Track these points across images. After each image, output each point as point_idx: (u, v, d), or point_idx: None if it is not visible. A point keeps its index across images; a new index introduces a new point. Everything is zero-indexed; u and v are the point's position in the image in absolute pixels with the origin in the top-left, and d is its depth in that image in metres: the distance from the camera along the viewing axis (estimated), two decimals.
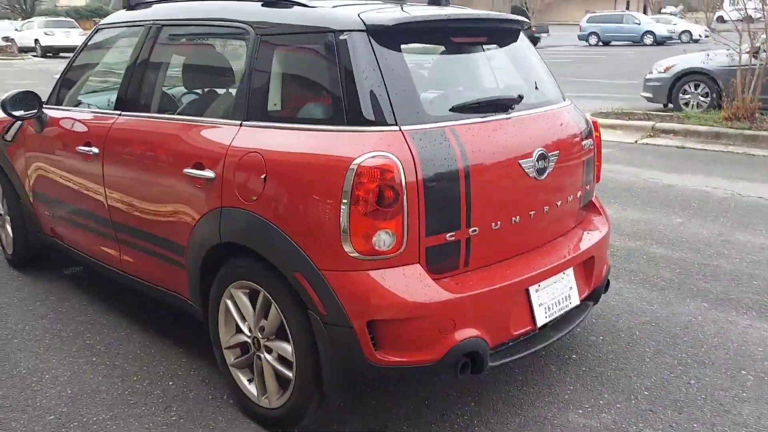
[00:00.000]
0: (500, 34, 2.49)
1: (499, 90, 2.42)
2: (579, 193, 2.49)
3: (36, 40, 26.27)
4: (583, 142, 2.48)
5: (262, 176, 2.09)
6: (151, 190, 2.63)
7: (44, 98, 3.40)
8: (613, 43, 28.34)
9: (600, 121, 8.00)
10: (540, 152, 2.21)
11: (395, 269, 1.95)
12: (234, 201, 2.20)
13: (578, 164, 2.45)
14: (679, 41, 27.92)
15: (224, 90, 2.80)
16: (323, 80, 2.14)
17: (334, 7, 2.25)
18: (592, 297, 2.54)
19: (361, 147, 1.92)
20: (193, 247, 2.44)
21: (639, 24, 28.19)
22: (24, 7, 60.48)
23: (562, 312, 2.31)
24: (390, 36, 2.07)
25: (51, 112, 3.33)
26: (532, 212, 2.23)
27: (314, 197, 1.97)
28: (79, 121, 3.14)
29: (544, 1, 50.36)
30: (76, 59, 3.40)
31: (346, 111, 2.00)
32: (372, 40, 2.04)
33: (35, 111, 3.29)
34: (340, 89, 2.03)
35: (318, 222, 1.96)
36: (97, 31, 3.32)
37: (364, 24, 2.06)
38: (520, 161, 2.15)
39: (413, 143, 1.94)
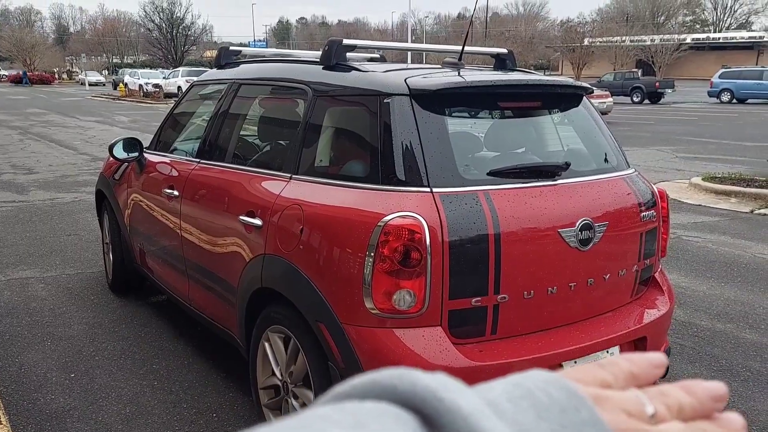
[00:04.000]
0: (556, 99, 2.45)
1: (546, 156, 2.37)
2: (635, 268, 2.35)
3: (179, 87, 29.14)
4: (643, 213, 2.35)
5: (300, 227, 2.19)
6: (214, 232, 2.82)
7: (146, 144, 3.80)
8: (749, 101, 26.41)
9: (711, 186, 7.47)
10: (584, 222, 2.12)
11: (415, 330, 1.93)
12: (275, 248, 2.30)
13: (633, 236, 2.32)
14: None
15: (283, 144, 2.97)
16: (365, 140, 2.21)
17: (385, 71, 2.35)
18: None
19: (391, 206, 1.96)
20: (242, 288, 2.57)
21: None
22: (175, 57, 67.16)
23: None
24: (432, 100, 2.12)
25: (149, 157, 3.69)
26: (572, 284, 2.13)
27: (342, 251, 2.02)
28: (168, 165, 3.45)
29: (673, 55, 48.00)
30: (174, 110, 3.76)
31: (382, 170, 2.06)
32: (414, 104, 2.10)
33: (136, 155, 3.66)
34: (378, 149, 2.09)
35: (343, 276, 2.00)
36: (192, 86, 3.66)
37: (408, 88, 2.12)
38: (560, 230, 2.08)
39: (442, 205, 1.95)
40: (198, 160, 3.13)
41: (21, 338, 3.60)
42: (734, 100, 26.44)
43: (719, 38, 58.16)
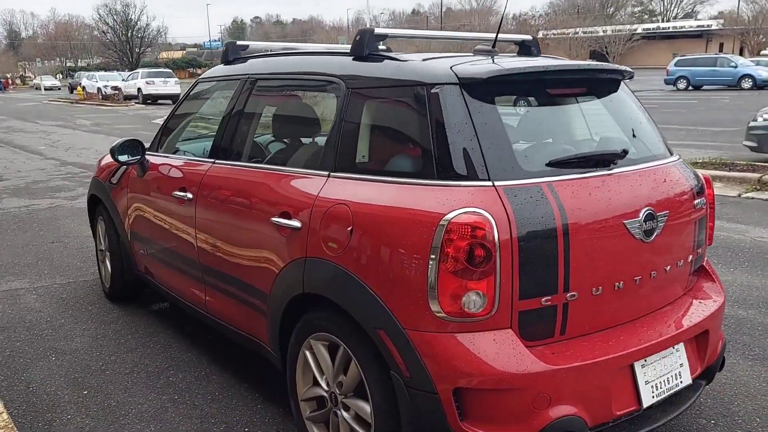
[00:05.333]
0: (600, 84, 2.37)
1: (599, 144, 2.29)
2: (690, 257, 2.29)
3: (139, 89, 28.54)
4: (695, 201, 2.29)
5: (349, 228, 2.06)
6: (238, 236, 2.67)
7: (147, 144, 3.60)
8: (705, 87, 27.07)
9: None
10: (648, 212, 2.05)
11: (485, 333, 1.83)
12: (319, 251, 2.18)
13: (689, 224, 2.26)
14: None
15: (313, 141, 2.84)
16: (413, 133, 2.10)
17: (425, 60, 2.24)
18: (704, 375, 2.29)
19: (452, 202, 1.85)
20: (276, 294, 2.44)
21: (736, 67, 26.66)
22: (131, 59, 65.89)
23: (671, 392, 2.09)
24: (483, 89, 2.02)
25: (152, 158, 3.50)
26: (637, 277, 2.07)
27: (401, 252, 1.91)
28: (176, 167, 3.27)
29: (626, 45, 49.08)
30: (177, 109, 3.58)
31: (437, 165, 1.95)
32: (465, 93, 1.99)
33: (138, 157, 3.47)
34: (430, 143, 1.98)
35: (404, 278, 1.89)
36: (197, 83, 3.48)
37: (457, 77, 2.02)
38: (625, 221, 2.00)
39: (507, 200, 1.85)
40: (212, 160, 2.97)
41: (22, 354, 3.37)
42: (690, 87, 26.98)
43: (669, 27, 59.70)
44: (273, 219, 2.39)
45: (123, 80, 31.67)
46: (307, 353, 2.32)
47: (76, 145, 13.27)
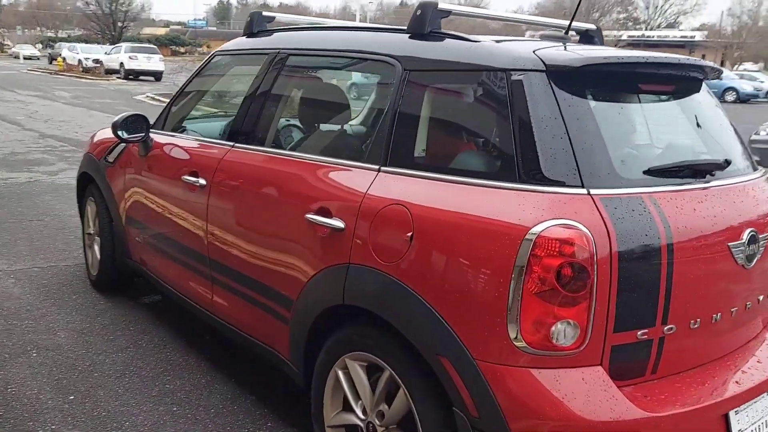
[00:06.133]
0: (687, 82, 2.08)
1: (693, 151, 2.02)
2: None
3: (121, 64, 27.79)
4: None
5: (408, 234, 1.76)
6: (260, 232, 2.35)
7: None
8: None
9: None
10: (751, 233, 1.79)
11: (572, 371, 1.55)
12: (367, 258, 1.87)
13: None
14: (766, 99, 26.57)
15: (358, 129, 2.52)
16: (488, 126, 1.81)
17: (498, 42, 1.94)
18: None
19: (540, 212, 1.56)
20: (304, 303, 2.13)
21: (720, 79, 26.93)
22: (113, 33, 64.65)
23: None
24: (574, 79, 1.73)
25: (157, 137, 3.14)
26: (734, 309, 1.80)
27: (475, 267, 1.61)
28: (186, 148, 2.93)
29: None
30: (188, 85, 3.22)
31: (519, 165, 1.65)
32: (552, 83, 1.71)
33: (142, 134, 3.12)
34: (511, 138, 1.69)
35: (477, 299, 1.60)
36: (213, 57, 3.13)
37: (544, 63, 1.73)
38: (729, 243, 1.74)
39: (606, 211, 1.57)
40: (231, 143, 2.63)
41: (0, 348, 3.01)
42: None
43: (654, 36, 60.33)
44: (308, 216, 2.08)
45: (105, 53, 30.75)
46: (340, 373, 2.02)
47: (55, 118, 12.70)
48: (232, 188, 2.52)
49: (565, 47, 1.95)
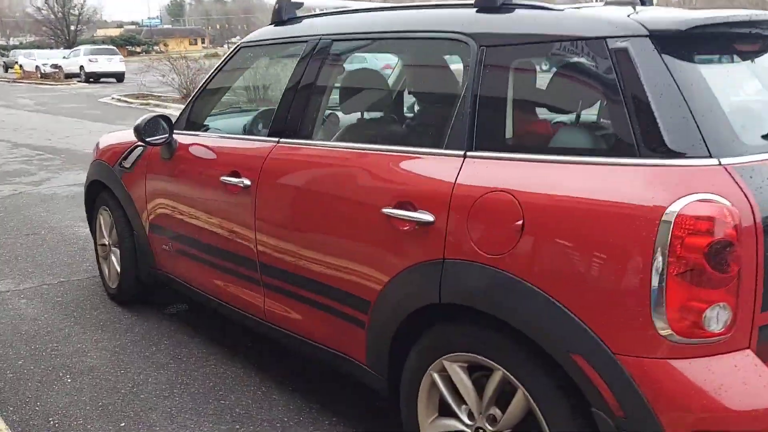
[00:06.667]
0: None
1: None
2: None
3: (81, 67, 27.09)
4: None
5: (517, 223, 1.63)
6: (326, 231, 2.19)
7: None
8: None
9: None
10: None
11: (723, 357, 1.44)
12: (467, 252, 1.73)
13: None
14: None
15: (428, 114, 2.36)
16: (591, 100, 1.70)
17: (582, 7, 1.82)
18: None
19: (673, 188, 1.45)
20: (387, 304, 1.98)
21: None
22: (67, 37, 62.85)
23: None
24: (680, 43, 1.61)
25: (182, 138, 2.94)
26: None
27: (606, 257, 1.49)
28: (220, 148, 2.75)
29: None
30: (211, 81, 3.01)
31: (638, 139, 1.53)
32: (658, 48, 1.59)
33: (166, 136, 2.92)
34: (623, 111, 1.56)
35: (612, 290, 1.47)
36: (238, 49, 2.93)
37: (646, 28, 1.61)
38: None
39: (743, 181, 1.45)
40: (276, 139, 2.46)
41: (29, 375, 2.79)
42: None
43: None
44: (386, 210, 1.93)
45: (64, 57, 29.82)
46: (436, 377, 1.88)
47: (23, 126, 12.22)
48: (285, 187, 2.35)
49: (635, 11, 1.84)
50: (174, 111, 15.52)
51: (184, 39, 76.22)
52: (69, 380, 2.76)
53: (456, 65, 2.04)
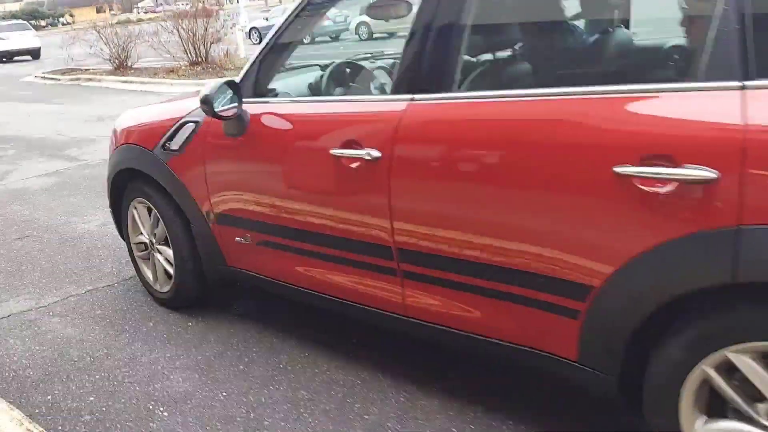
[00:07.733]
0: None
1: None
2: None
3: None
4: None
5: None
6: (519, 209, 1.76)
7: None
8: None
9: None
10: None
11: None
12: None
13: None
14: None
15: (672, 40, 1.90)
16: None
17: None
18: None
19: None
20: (625, 288, 1.60)
21: None
22: None
23: None
24: None
25: (253, 108, 2.40)
26: None
27: None
28: (320, 114, 2.24)
29: None
30: (281, 36, 2.43)
31: None
32: None
33: (235, 106, 2.37)
34: None
35: None
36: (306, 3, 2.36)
37: None
38: None
39: None
40: (409, 96, 1.97)
41: (113, 415, 2.27)
42: None
43: None
44: (620, 170, 1.52)
45: None
46: (711, 373, 1.53)
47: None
48: (438, 155, 1.90)
49: None
50: (110, 84, 14.43)
51: (90, 8, 71.22)
52: (165, 414, 2.26)
53: None
